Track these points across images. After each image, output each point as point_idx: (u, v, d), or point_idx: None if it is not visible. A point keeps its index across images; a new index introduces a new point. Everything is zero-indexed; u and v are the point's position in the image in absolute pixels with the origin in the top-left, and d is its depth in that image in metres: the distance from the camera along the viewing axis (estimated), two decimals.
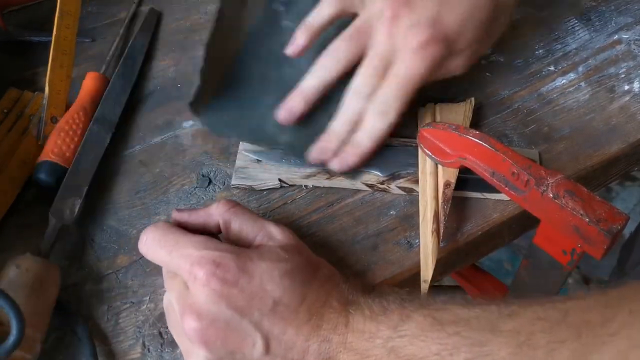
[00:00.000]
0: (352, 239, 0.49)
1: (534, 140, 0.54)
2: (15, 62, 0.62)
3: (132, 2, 0.66)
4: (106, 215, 0.51)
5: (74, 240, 0.50)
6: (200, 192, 0.52)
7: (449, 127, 0.47)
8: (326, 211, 0.51)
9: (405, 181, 0.51)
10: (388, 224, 0.50)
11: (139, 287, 0.47)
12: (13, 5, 0.67)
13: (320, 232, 0.49)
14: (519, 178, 0.44)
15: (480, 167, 0.46)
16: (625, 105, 0.57)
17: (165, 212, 0.51)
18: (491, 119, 0.56)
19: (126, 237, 0.50)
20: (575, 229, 0.42)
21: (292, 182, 0.52)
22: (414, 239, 0.49)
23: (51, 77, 0.55)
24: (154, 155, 0.55)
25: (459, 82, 0.59)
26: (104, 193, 0.53)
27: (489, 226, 0.49)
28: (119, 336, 0.45)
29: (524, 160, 0.44)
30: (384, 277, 0.47)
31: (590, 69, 0.60)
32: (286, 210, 0.51)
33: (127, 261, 0.49)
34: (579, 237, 0.42)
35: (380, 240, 0.49)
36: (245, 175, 0.52)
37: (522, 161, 0.44)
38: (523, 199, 0.45)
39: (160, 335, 0.45)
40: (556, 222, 0.43)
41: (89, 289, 0.47)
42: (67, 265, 0.48)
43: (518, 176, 0.44)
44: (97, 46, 0.64)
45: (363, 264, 0.48)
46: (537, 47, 0.62)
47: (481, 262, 1.27)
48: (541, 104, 0.57)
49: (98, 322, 0.45)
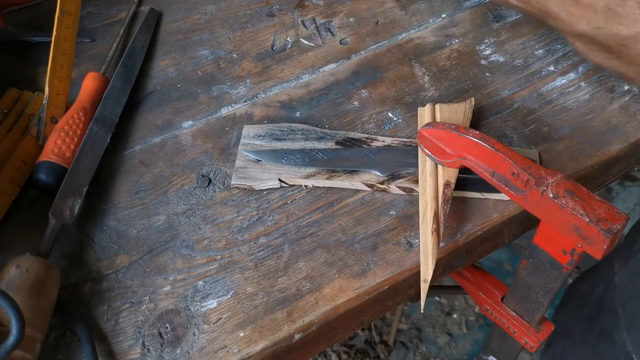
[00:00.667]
0: (352, 239, 0.49)
1: (533, 140, 0.54)
2: (15, 62, 0.62)
3: (132, 2, 0.66)
4: (106, 215, 0.51)
5: (74, 240, 0.50)
6: (200, 192, 0.52)
7: (448, 127, 0.47)
8: (326, 211, 0.51)
9: (405, 181, 0.51)
10: (388, 224, 0.50)
11: (138, 287, 0.47)
12: (13, 5, 0.67)
13: (320, 232, 0.49)
14: (518, 178, 0.44)
15: (480, 167, 0.46)
16: (625, 105, 0.57)
17: (165, 212, 0.51)
18: (491, 119, 0.56)
19: (126, 237, 0.50)
20: (575, 229, 0.42)
21: (292, 182, 0.52)
22: (413, 239, 0.49)
23: (51, 77, 0.55)
24: (153, 155, 0.55)
25: (459, 82, 0.59)
26: (103, 193, 0.53)
27: (489, 226, 0.49)
28: (118, 336, 0.45)
29: (524, 160, 0.44)
30: (384, 277, 0.47)
31: (590, 69, 0.60)
32: (286, 210, 0.51)
33: (126, 261, 0.49)
34: (578, 237, 0.42)
35: (380, 240, 0.49)
36: (245, 175, 0.52)
37: (522, 161, 0.44)
38: (523, 199, 0.45)
39: (160, 335, 0.45)
40: (556, 222, 0.43)
41: (89, 289, 0.47)
42: (67, 265, 0.48)
43: (518, 176, 0.44)
44: (97, 46, 0.64)
45: (363, 264, 0.48)
46: (537, 47, 0.62)
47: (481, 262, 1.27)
48: (541, 104, 0.57)
49: (98, 322, 0.45)
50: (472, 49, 0.62)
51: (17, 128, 0.54)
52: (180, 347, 0.44)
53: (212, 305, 0.46)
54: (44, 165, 0.51)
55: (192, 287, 0.47)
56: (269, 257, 0.48)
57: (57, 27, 0.55)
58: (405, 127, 0.56)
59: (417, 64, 0.61)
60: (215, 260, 0.48)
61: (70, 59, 0.57)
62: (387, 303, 0.50)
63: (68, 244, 0.49)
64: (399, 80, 0.60)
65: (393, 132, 0.56)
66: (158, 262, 0.48)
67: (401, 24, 0.65)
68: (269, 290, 0.46)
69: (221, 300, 0.46)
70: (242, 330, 0.45)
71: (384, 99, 0.58)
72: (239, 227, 0.50)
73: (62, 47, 0.56)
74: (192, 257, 0.48)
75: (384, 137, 0.54)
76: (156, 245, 0.49)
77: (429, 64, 0.61)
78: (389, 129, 0.56)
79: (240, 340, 0.44)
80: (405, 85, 0.59)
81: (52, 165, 0.51)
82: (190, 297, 0.46)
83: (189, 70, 0.62)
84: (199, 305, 0.46)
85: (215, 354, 0.44)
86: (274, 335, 0.44)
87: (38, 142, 0.53)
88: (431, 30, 0.64)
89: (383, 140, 0.54)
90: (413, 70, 0.61)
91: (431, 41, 0.63)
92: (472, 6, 0.66)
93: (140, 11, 0.66)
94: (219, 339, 0.44)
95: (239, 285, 0.47)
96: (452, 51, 0.62)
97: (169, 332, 0.45)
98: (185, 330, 0.45)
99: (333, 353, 1.35)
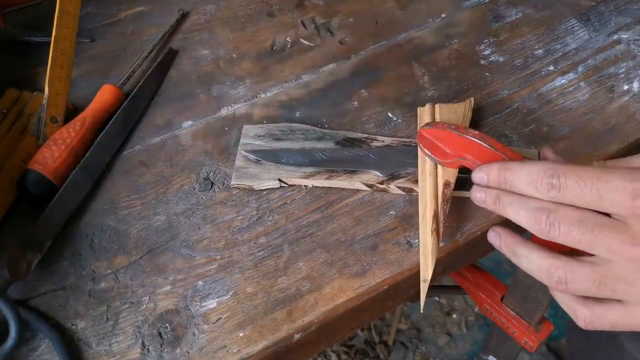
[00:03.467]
0: (352, 239, 0.49)
1: (533, 140, 0.54)
2: (15, 62, 0.62)
3: (177, 12, 0.66)
4: (106, 215, 0.51)
5: (74, 240, 0.50)
6: (200, 192, 0.52)
7: (448, 127, 0.47)
8: (326, 211, 0.51)
9: (404, 181, 0.51)
10: (388, 224, 0.50)
11: (138, 287, 0.47)
12: (13, 5, 0.67)
13: (320, 232, 0.49)
14: None
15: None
16: (625, 105, 0.57)
17: (165, 212, 0.51)
18: (491, 119, 0.56)
19: (126, 237, 0.50)
20: None
21: (292, 182, 0.52)
22: (413, 239, 0.49)
23: (51, 77, 0.55)
24: (154, 155, 0.55)
25: (459, 82, 0.59)
26: (104, 193, 0.53)
27: (488, 226, 0.49)
28: (118, 336, 0.45)
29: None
30: (383, 276, 0.47)
31: (589, 68, 0.60)
32: (286, 210, 0.51)
33: (126, 261, 0.49)
34: None
35: (380, 240, 0.49)
36: (245, 175, 0.52)
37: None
38: None
39: (159, 335, 0.45)
40: None
41: (89, 289, 0.47)
42: (67, 265, 0.48)
43: None
44: (97, 46, 0.64)
45: (363, 264, 0.48)
46: (537, 47, 0.62)
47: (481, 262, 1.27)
48: (541, 104, 0.57)
49: (98, 322, 0.45)
50: (472, 49, 0.62)
51: (17, 128, 0.54)
52: (180, 347, 0.44)
53: (212, 305, 0.46)
54: (29, 175, 0.50)
55: (192, 287, 0.47)
56: (268, 257, 0.48)
57: (57, 27, 0.55)
58: (405, 127, 0.56)
59: (417, 64, 0.61)
60: (215, 260, 0.48)
61: (70, 59, 0.57)
62: (387, 303, 0.50)
63: (68, 244, 0.49)
64: (398, 80, 0.60)
65: (393, 132, 0.56)
66: (158, 262, 0.48)
67: (401, 24, 0.65)
68: (268, 290, 0.46)
69: (221, 300, 0.46)
70: (242, 330, 0.45)
71: (383, 99, 0.58)
72: (238, 227, 0.50)
73: (61, 47, 0.56)
74: (192, 257, 0.48)
75: (384, 137, 0.54)
76: (156, 245, 0.49)
77: (428, 64, 0.61)
78: (388, 129, 0.56)
79: (240, 340, 0.44)
80: (404, 85, 0.59)
81: (35, 175, 0.50)
82: (190, 297, 0.46)
83: (189, 70, 0.62)
84: (199, 305, 0.46)
85: (215, 354, 0.44)
86: (273, 335, 0.44)
87: (38, 142, 0.53)
88: (431, 30, 0.64)
89: (383, 140, 0.54)
90: (413, 70, 0.61)
91: (431, 41, 0.63)
92: (472, 6, 0.67)
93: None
94: (219, 339, 0.44)
95: (238, 285, 0.47)
96: (452, 51, 0.62)
97: (168, 332, 0.45)
98: (185, 330, 0.45)
99: (333, 353, 1.35)
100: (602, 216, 0.37)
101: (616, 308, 0.38)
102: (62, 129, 0.53)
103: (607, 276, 0.37)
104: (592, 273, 0.38)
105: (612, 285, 0.37)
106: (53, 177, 0.50)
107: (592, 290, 0.38)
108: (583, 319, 0.40)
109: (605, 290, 0.38)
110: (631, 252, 0.36)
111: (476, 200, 0.44)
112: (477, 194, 0.44)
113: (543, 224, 0.38)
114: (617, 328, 0.39)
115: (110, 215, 0.51)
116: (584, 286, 0.38)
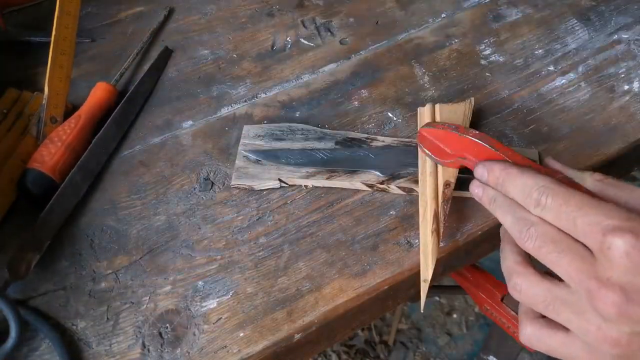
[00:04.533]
0: (352, 239, 0.49)
1: (533, 140, 0.54)
2: (15, 62, 0.62)
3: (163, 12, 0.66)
4: (106, 215, 0.51)
5: (74, 240, 0.50)
6: (200, 192, 0.52)
7: (448, 127, 0.47)
8: (326, 211, 0.51)
9: (405, 181, 0.51)
10: (388, 224, 0.50)
11: (138, 287, 0.47)
12: (13, 5, 0.67)
13: (320, 232, 0.49)
14: None
15: None
16: (625, 105, 0.57)
17: (165, 212, 0.51)
18: (491, 119, 0.56)
19: (126, 237, 0.50)
20: None
21: (292, 182, 0.52)
22: (413, 239, 0.49)
23: (50, 77, 0.55)
24: (154, 155, 0.55)
25: (459, 82, 0.59)
26: (104, 193, 0.53)
27: (488, 226, 0.49)
28: (118, 336, 0.45)
29: (524, 160, 0.44)
30: (384, 277, 0.47)
31: (590, 68, 0.60)
32: (286, 210, 0.51)
33: (126, 261, 0.49)
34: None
35: (380, 240, 0.49)
36: (245, 175, 0.52)
37: (522, 161, 0.44)
38: None
39: (160, 335, 0.45)
40: None
41: (89, 289, 0.47)
42: (67, 265, 0.48)
43: None
44: (97, 46, 0.64)
45: (363, 264, 0.48)
46: (537, 47, 0.62)
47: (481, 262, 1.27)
48: (541, 104, 0.57)
49: (98, 322, 0.45)
50: (472, 49, 0.62)
51: (16, 128, 0.54)
52: (180, 347, 0.44)
53: (212, 305, 0.46)
54: (28, 174, 0.50)
55: (192, 287, 0.47)
56: (268, 257, 0.48)
57: (56, 27, 0.55)
58: (405, 127, 0.56)
59: (417, 64, 0.61)
60: (215, 260, 0.48)
61: (69, 59, 0.57)
62: (387, 303, 0.50)
63: (68, 244, 0.49)
64: (398, 80, 0.60)
65: (393, 132, 0.56)
66: (158, 262, 0.48)
67: (401, 24, 0.65)
68: (269, 290, 0.46)
69: (221, 300, 0.46)
70: (242, 330, 0.45)
71: (383, 99, 0.58)
72: (239, 227, 0.50)
73: (61, 47, 0.56)
74: (192, 257, 0.48)
75: (384, 137, 0.54)
76: (156, 245, 0.49)
77: (428, 64, 0.61)
78: (388, 129, 0.56)
79: (240, 340, 0.44)
80: (405, 85, 0.59)
81: (34, 173, 0.50)
82: (190, 297, 0.46)
83: (189, 70, 0.62)
84: (199, 305, 0.46)
85: (215, 354, 0.44)
86: (274, 335, 0.44)
87: (38, 142, 0.53)
88: (431, 30, 0.64)
89: (383, 140, 0.54)
90: (413, 70, 0.61)
91: (431, 41, 0.63)
92: (472, 6, 0.66)
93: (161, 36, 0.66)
94: (219, 339, 0.44)
95: (239, 285, 0.47)
96: (452, 51, 0.62)
97: (169, 332, 0.45)
98: (185, 330, 0.45)
99: (333, 353, 1.35)
100: (578, 244, 0.37)
101: (559, 335, 0.39)
102: (58, 128, 0.53)
103: (557, 299, 0.38)
104: (546, 292, 0.38)
105: (558, 309, 0.38)
106: (52, 173, 0.51)
107: (539, 307, 0.39)
108: (524, 334, 0.41)
109: (551, 312, 0.38)
110: (587, 283, 0.36)
111: (474, 195, 0.45)
112: (475, 189, 0.45)
113: (523, 234, 0.39)
114: (552, 354, 0.39)
115: (110, 216, 0.51)
116: (533, 301, 0.39)
